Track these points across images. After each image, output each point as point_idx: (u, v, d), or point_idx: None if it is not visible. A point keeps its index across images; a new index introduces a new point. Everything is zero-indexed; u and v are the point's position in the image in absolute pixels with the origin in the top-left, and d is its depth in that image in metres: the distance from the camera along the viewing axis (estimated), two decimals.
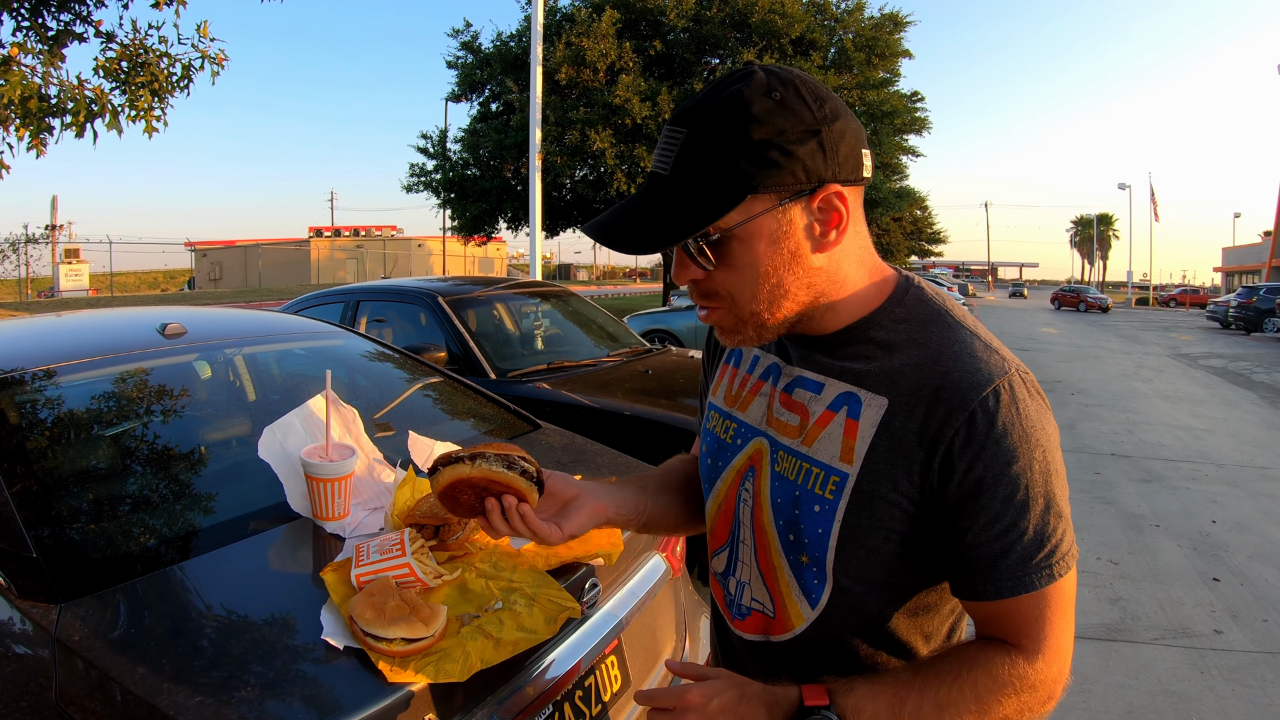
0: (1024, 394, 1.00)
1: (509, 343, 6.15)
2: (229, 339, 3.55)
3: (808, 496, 1.10)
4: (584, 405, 4.70)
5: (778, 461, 1.16)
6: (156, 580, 1.86)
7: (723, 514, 1.28)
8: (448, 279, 6.90)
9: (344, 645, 1.62)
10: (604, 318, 7.04)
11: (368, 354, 3.82)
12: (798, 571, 1.14)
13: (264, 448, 2.29)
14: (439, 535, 1.93)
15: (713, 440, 1.31)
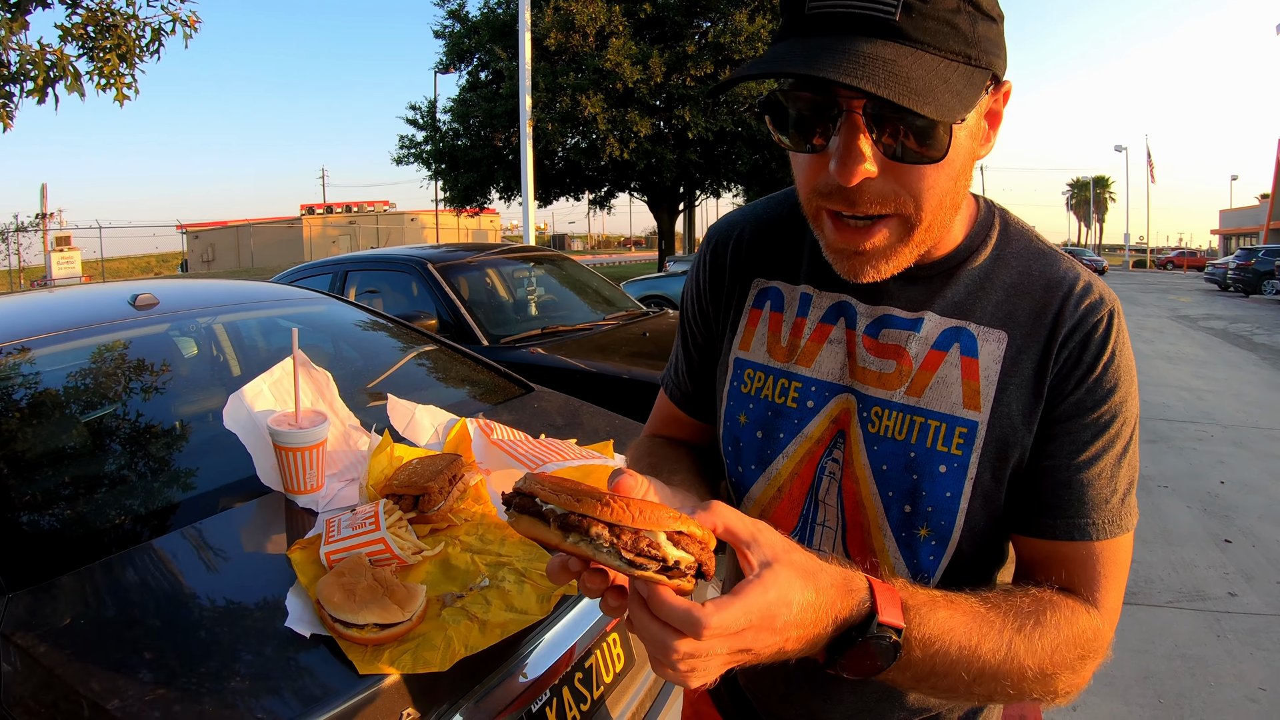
0: (1125, 327, 0.95)
1: (501, 309, 5.97)
2: (203, 308, 3.38)
3: (929, 457, 0.96)
4: (580, 370, 4.53)
5: (872, 421, 1.00)
6: (110, 566, 1.69)
7: (788, 498, 1.08)
8: (439, 246, 6.74)
9: (310, 633, 1.44)
10: (599, 282, 6.86)
11: (351, 320, 3.64)
12: (910, 548, 0.99)
13: (229, 417, 2.10)
14: (419, 506, 1.74)
15: (760, 408, 1.09)
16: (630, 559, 0.70)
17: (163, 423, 2.53)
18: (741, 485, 1.12)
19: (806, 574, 0.76)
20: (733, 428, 1.12)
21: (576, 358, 4.74)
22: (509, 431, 2.10)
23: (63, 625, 1.49)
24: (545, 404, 2.86)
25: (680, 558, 0.72)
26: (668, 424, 1.31)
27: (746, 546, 0.75)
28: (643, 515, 0.70)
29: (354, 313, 3.69)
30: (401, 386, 2.94)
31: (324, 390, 2.21)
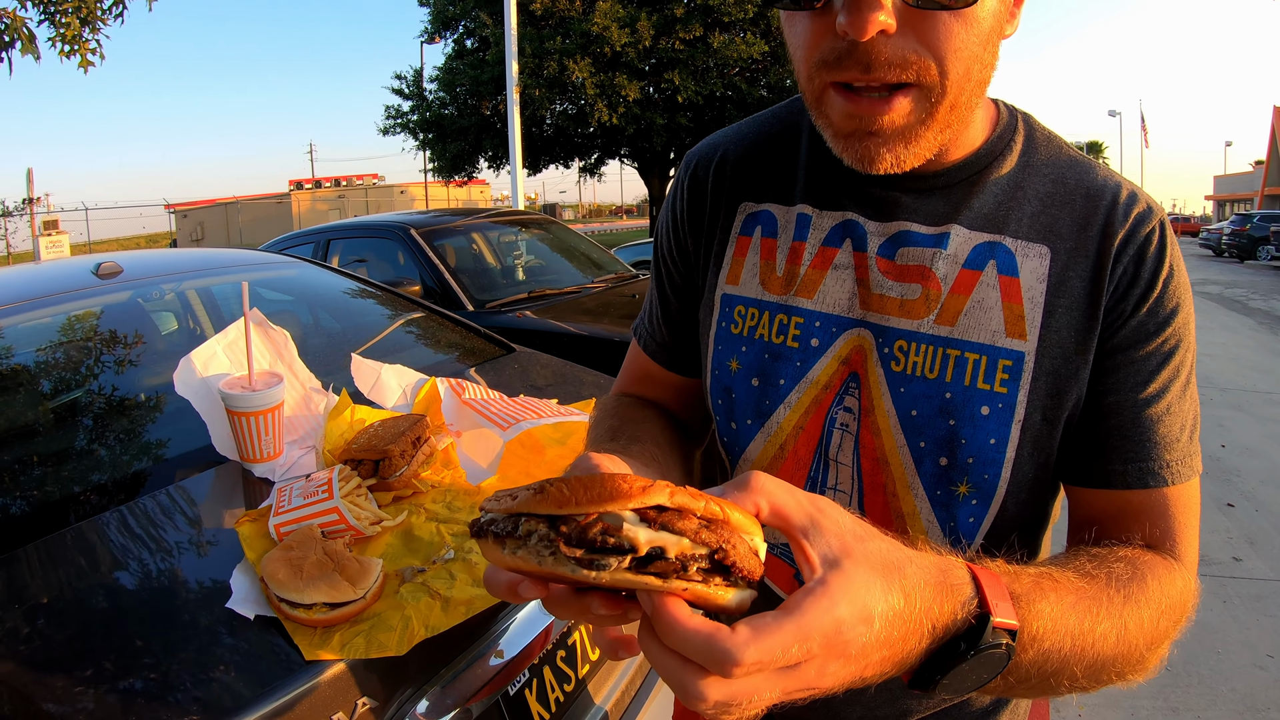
0: (1177, 240, 0.85)
1: (487, 273, 5.79)
2: (168, 274, 3.23)
3: (968, 397, 0.84)
4: (569, 333, 4.37)
5: (896, 358, 0.87)
6: (44, 547, 1.53)
7: (792, 458, 0.94)
8: (423, 212, 6.61)
9: (255, 615, 1.28)
10: (587, 245, 6.68)
11: (325, 283, 3.47)
12: (946, 509, 0.87)
13: (180, 382, 1.93)
14: (379, 472, 1.57)
15: (755, 351, 0.95)
16: (576, 556, 0.51)
17: (114, 393, 2.38)
18: (735, 446, 0.99)
19: (889, 570, 0.57)
20: (722, 376, 0.98)
21: (565, 321, 4.58)
22: (482, 390, 1.93)
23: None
24: (527, 364, 2.69)
25: (664, 543, 0.51)
26: (640, 380, 1.16)
27: (804, 534, 0.57)
28: (590, 491, 0.52)
29: (328, 276, 3.53)
30: (376, 349, 2.77)
31: (282, 350, 2.04)
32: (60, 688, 1.15)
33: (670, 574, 0.51)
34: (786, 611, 0.52)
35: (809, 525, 0.57)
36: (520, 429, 1.61)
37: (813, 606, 0.52)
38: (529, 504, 0.53)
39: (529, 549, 0.52)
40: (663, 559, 0.51)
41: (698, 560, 0.52)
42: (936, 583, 0.59)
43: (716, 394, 0.99)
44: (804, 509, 0.58)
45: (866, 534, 0.58)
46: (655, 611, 0.52)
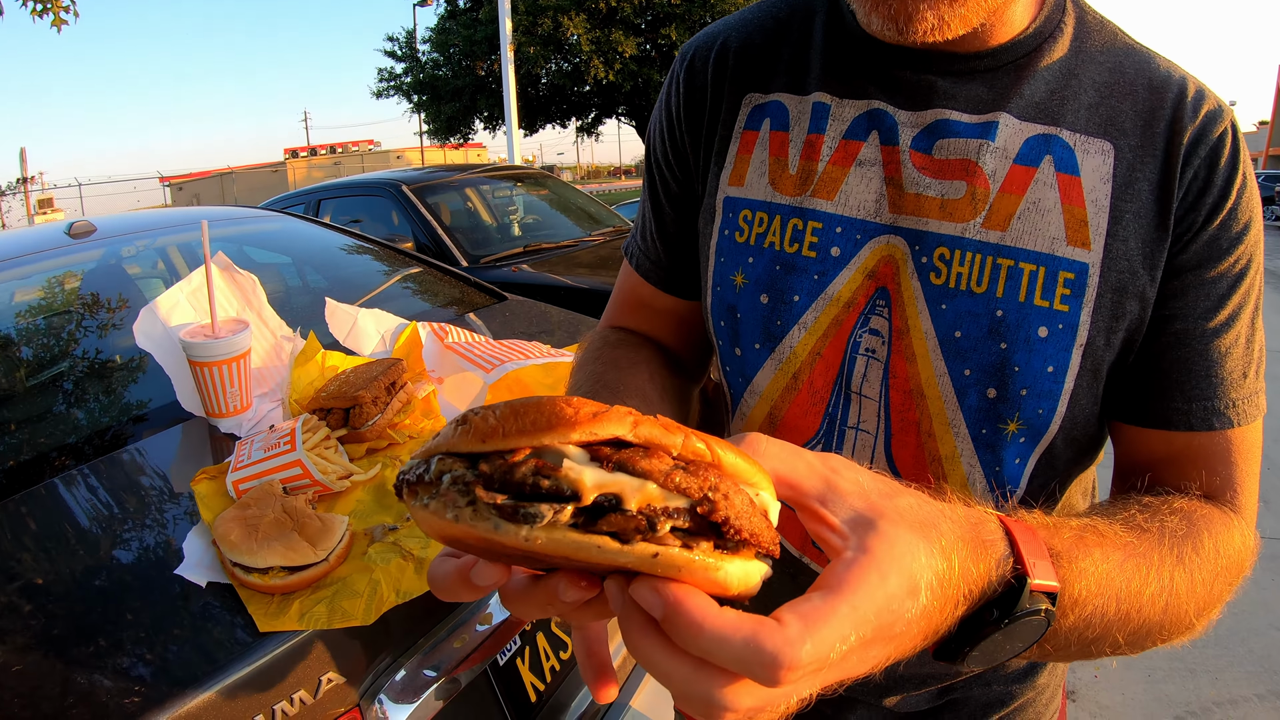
0: None
1: (481, 228, 5.62)
2: (141, 230, 3.10)
3: (1023, 315, 0.73)
4: (566, 285, 4.20)
5: (936, 269, 0.75)
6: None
7: (807, 389, 0.83)
8: (416, 169, 6.46)
9: (206, 582, 1.13)
10: (584, 199, 6.49)
11: (309, 235, 3.31)
12: (991, 451, 0.77)
13: (142, 333, 1.77)
14: (350, 421, 1.41)
15: (764, 262, 0.83)
16: (497, 504, 0.38)
17: (76, 351, 2.23)
18: (740, 377, 0.87)
19: (927, 528, 0.48)
20: (725, 293, 0.86)
21: (564, 274, 4.41)
22: (466, 334, 1.77)
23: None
24: (519, 311, 2.52)
25: (620, 488, 0.38)
26: (632, 308, 1.03)
27: (820, 501, 0.48)
28: (522, 419, 0.39)
29: (311, 228, 3.38)
30: (358, 300, 2.61)
31: (250, 296, 1.88)
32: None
33: (632, 534, 0.39)
34: (833, 591, 0.42)
35: (824, 489, 0.48)
36: (505, 370, 1.45)
37: (861, 580, 0.43)
38: (449, 441, 0.41)
39: (441, 498, 0.40)
40: (619, 511, 0.38)
41: (673, 516, 0.39)
42: (970, 538, 0.51)
43: (718, 314, 0.87)
44: (815, 471, 0.49)
45: (891, 489, 0.50)
46: (670, 605, 0.40)
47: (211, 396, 1.67)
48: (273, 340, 1.84)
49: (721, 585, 0.41)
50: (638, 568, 0.39)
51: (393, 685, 1.16)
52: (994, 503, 0.77)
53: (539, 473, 0.38)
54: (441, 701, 1.22)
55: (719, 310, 0.87)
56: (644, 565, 0.39)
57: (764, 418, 0.87)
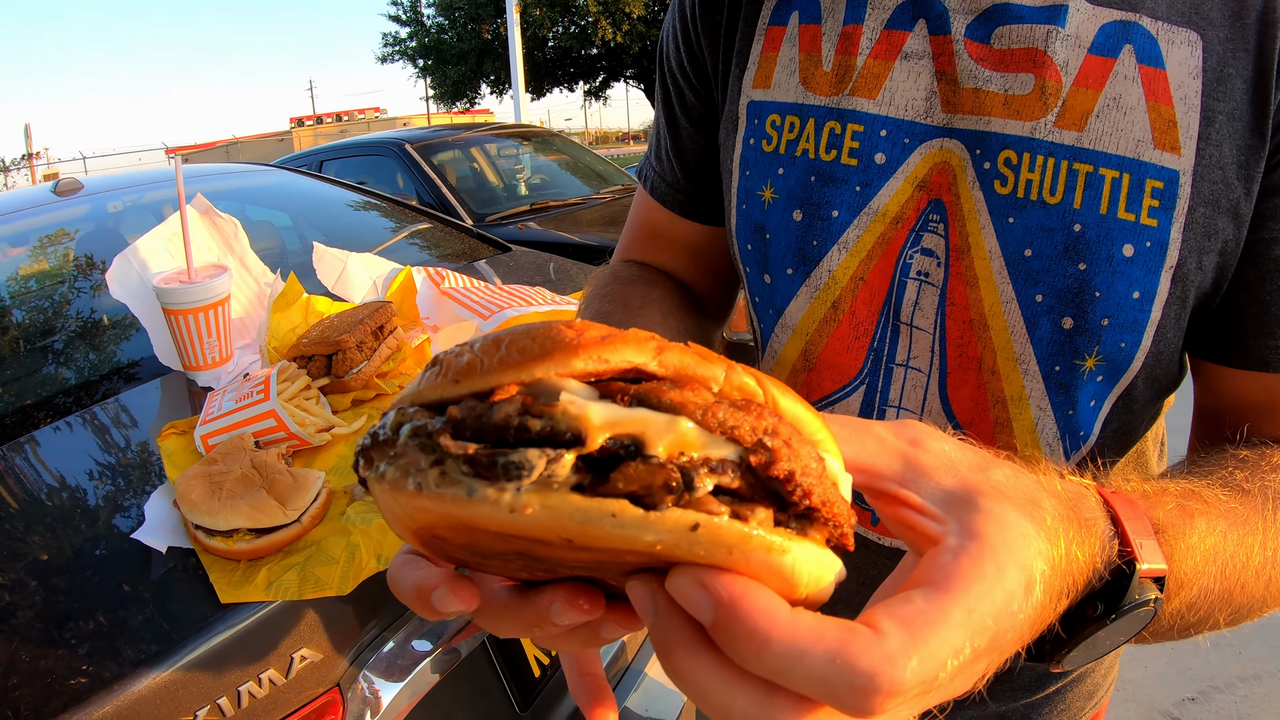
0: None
1: (486, 186, 5.49)
2: (130, 187, 2.99)
3: (1105, 231, 0.63)
4: (573, 242, 4.07)
5: (1002, 176, 0.66)
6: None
7: (848, 321, 0.74)
8: (422, 128, 6.37)
9: (166, 547, 1.00)
10: (591, 157, 6.33)
11: (306, 189, 3.18)
12: (1064, 392, 0.68)
13: (116, 282, 1.64)
14: (332, 369, 1.26)
15: (796, 173, 0.73)
16: (467, 454, 0.29)
17: (51, 306, 2.11)
18: (770, 308, 0.78)
19: (1030, 506, 0.39)
20: (752, 211, 0.76)
21: (572, 231, 4.30)
22: (464, 279, 1.62)
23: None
24: (523, 262, 2.37)
25: (641, 428, 0.29)
26: (647, 239, 0.94)
27: (899, 484, 0.40)
28: (510, 349, 0.30)
29: (308, 182, 3.24)
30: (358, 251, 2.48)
31: (232, 241, 1.74)
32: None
33: (661, 493, 0.28)
34: (941, 588, 0.34)
35: (904, 468, 0.40)
36: (504, 317, 1.30)
37: (976, 574, 0.35)
38: (416, 389, 0.33)
39: (398, 461, 0.30)
40: (641, 458, 0.29)
41: (717, 469, 0.29)
42: (1073, 518, 0.42)
43: (745, 236, 0.78)
44: (889, 446, 0.41)
45: (983, 460, 0.42)
46: (724, 604, 0.30)
47: (188, 348, 1.54)
48: (256, 288, 1.70)
49: (787, 576, 0.30)
50: (670, 551, 0.29)
51: (380, 659, 1.03)
52: (1064, 453, 0.70)
53: (526, 411, 0.28)
54: (438, 675, 1.09)
55: (745, 232, 0.77)
56: (680, 546, 0.29)
57: (798, 356, 0.77)
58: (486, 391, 0.29)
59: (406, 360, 1.36)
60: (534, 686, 1.29)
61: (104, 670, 0.87)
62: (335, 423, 1.18)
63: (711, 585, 0.30)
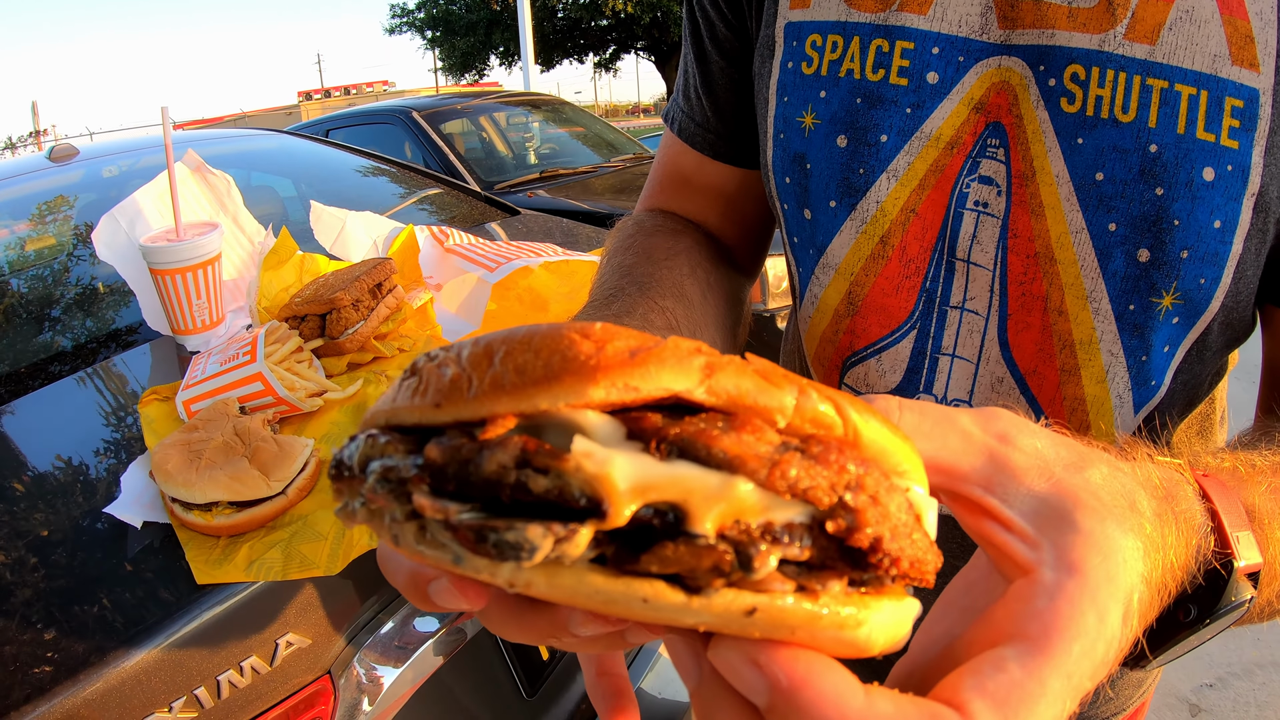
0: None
1: (495, 155, 5.39)
2: (125, 151, 2.93)
3: (1184, 151, 0.58)
4: (584, 210, 3.96)
5: (1069, 93, 0.61)
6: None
7: (898, 257, 0.68)
8: (430, 95, 6.30)
9: (142, 523, 0.91)
10: (602, 126, 6.22)
11: (310, 152, 3.09)
12: (1137, 335, 0.63)
13: (103, 244, 1.55)
14: (326, 330, 1.17)
15: (840, 96, 0.68)
16: (454, 522, 0.24)
17: (43, 272, 2.04)
18: (810, 247, 0.73)
19: (1129, 514, 0.35)
20: (791, 140, 0.71)
21: (583, 199, 4.20)
22: (469, 237, 1.52)
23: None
24: (532, 225, 2.27)
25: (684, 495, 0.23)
26: (674, 186, 0.87)
27: (985, 488, 0.35)
28: (509, 361, 0.24)
29: (313, 146, 3.15)
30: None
31: (225, 199, 1.64)
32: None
33: (709, 576, 0.23)
34: (1038, 649, 0.30)
35: (990, 469, 0.35)
36: (512, 268, 1.21)
37: (1076, 627, 0.31)
38: (389, 404, 0.27)
39: (370, 507, 0.26)
40: (684, 536, 0.23)
41: (783, 539, 0.24)
42: (1169, 515, 0.38)
43: (783, 169, 0.72)
44: (975, 443, 0.36)
45: (1078, 456, 0.37)
46: (782, 691, 0.26)
47: (176, 310, 1.45)
48: (250, 248, 1.61)
49: (860, 647, 0.27)
50: (719, 630, 0.26)
51: (376, 643, 0.94)
52: (1132, 406, 0.65)
53: (527, 462, 0.23)
54: (441, 659, 1.01)
55: (783, 164, 0.71)
56: (730, 627, 0.25)
57: (841, 299, 0.72)
58: (477, 422, 0.24)
59: (407, 321, 1.27)
60: (542, 671, 1.21)
61: (70, 658, 0.79)
62: (328, 387, 1.08)
63: (768, 667, 0.26)
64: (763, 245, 0.91)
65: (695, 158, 0.84)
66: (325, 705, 0.89)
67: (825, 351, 0.74)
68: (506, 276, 1.21)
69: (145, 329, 1.55)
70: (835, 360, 0.74)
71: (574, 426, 0.23)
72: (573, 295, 1.35)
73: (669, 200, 0.87)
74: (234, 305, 1.56)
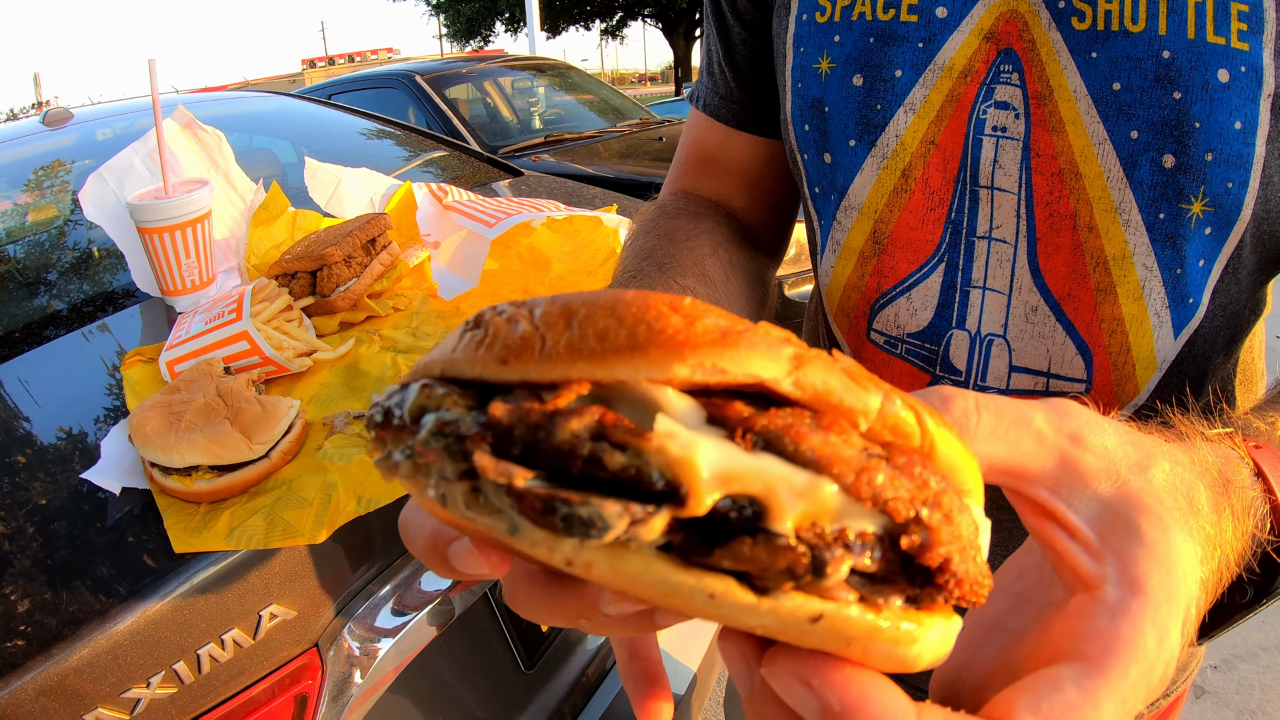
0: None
1: (499, 120, 5.31)
2: (119, 114, 2.88)
3: (1197, 55, 0.58)
4: (589, 175, 3.90)
5: (1078, 12, 0.61)
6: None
7: (920, 189, 0.68)
8: (433, 59, 6.26)
9: (121, 489, 0.86)
10: (608, 91, 6.13)
11: (310, 114, 3.03)
12: (1171, 247, 0.62)
13: (91, 203, 1.50)
14: (317, 287, 1.11)
15: (853, 38, 0.69)
16: (519, 488, 0.21)
17: (32, 235, 1.98)
18: (833, 193, 0.73)
19: (1191, 515, 0.35)
20: (809, 87, 0.71)
21: (588, 163, 4.13)
22: (468, 194, 1.46)
23: None
24: (536, 186, 2.21)
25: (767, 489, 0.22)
26: (699, 166, 0.88)
27: (1052, 491, 0.35)
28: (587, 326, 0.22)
29: (313, 108, 3.09)
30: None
31: (215, 155, 1.58)
32: None
33: (780, 578, 0.22)
34: (1095, 672, 0.30)
35: (1059, 471, 0.35)
36: (512, 223, 1.15)
37: (1135, 652, 0.31)
38: (447, 354, 0.25)
39: (417, 460, 0.23)
40: (764, 534, 0.22)
41: (858, 549, 0.23)
42: (1227, 506, 0.38)
43: (802, 117, 0.72)
44: (1047, 443, 0.35)
45: (1144, 455, 0.36)
46: (837, 711, 0.25)
47: (165, 270, 1.39)
48: (241, 206, 1.55)
49: (909, 663, 0.25)
50: (776, 634, 0.24)
51: (366, 614, 0.90)
52: (1172, 329, 0.65)
53: (604, 435, 0.21)
54: (435, 629, 0.97)
55: (801, 112, 0.72)
56: (788, 632, 0.23)
57: (865, 240, 0.72)
58: (546, 385, 0.23)
59: (403, 280, 1.21)
60: (540, 642, 1.16)
61: (43, 632, 0.75)
62: (318, 346, 1.03)
63: (821, 689, 0.25)
64: (787, 225, 0.91)
65: (720, 133, 0.84)
66: (313, 679, 0.84)
67: (851, 299, 0.73)
68: (506, 233, 1.15)
69: (139, 292, 1.50)
70: (862, 306, 0.73)
71: (653, 404, 0.22)
72: (576, 254, 1.29)
73: (693, 182, 0.87)
74: (225, 265, 1.50)
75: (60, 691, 0.74)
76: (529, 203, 1.34)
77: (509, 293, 1.19)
